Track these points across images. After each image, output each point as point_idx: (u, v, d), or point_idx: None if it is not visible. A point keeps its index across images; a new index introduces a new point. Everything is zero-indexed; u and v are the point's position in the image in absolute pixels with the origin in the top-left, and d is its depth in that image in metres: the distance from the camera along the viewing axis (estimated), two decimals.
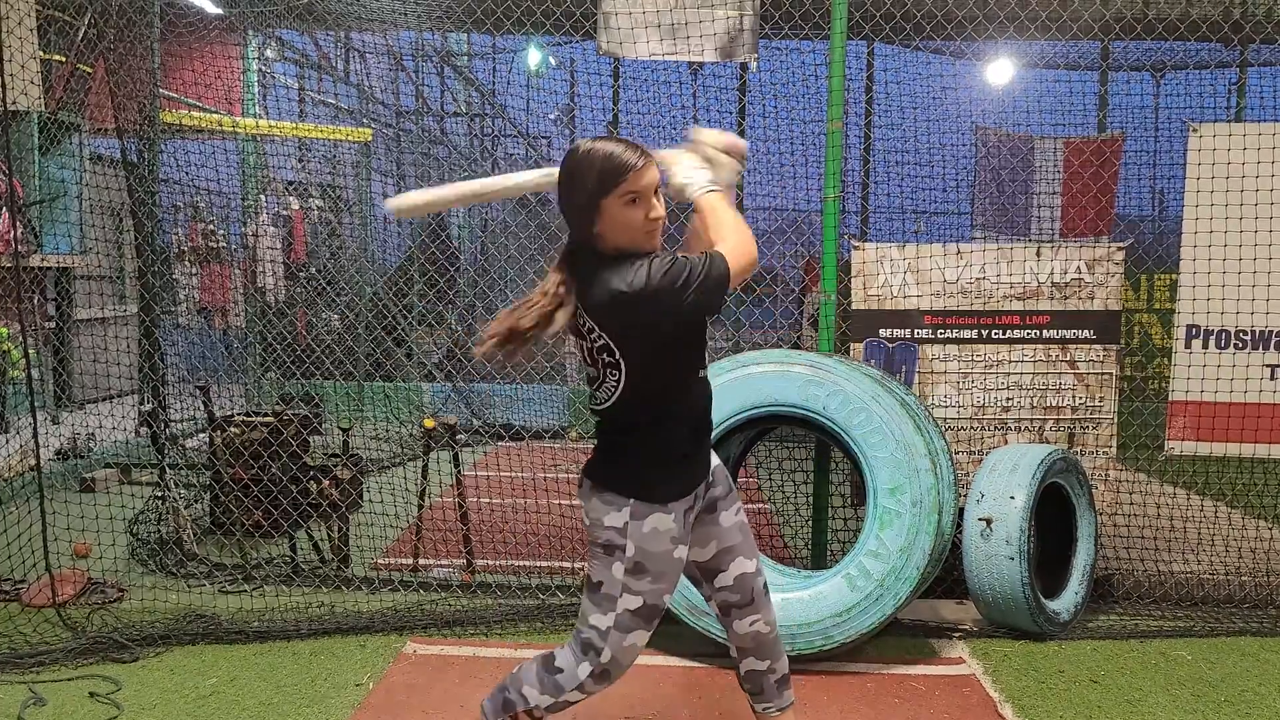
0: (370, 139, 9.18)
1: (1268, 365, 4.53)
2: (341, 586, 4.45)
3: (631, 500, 2.35)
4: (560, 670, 2.47)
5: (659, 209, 2.29)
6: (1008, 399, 4.51)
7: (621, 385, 2.34)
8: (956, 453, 4.48)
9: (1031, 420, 4.51)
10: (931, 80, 8.13)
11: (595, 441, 2.48)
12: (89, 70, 6.80)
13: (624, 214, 2.26)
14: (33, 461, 4.26)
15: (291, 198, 8.58)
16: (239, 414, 5.43)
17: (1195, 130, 4.54)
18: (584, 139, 2.35)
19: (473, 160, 12.20)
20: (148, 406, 5.79)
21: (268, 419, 5.11)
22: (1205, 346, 4.55)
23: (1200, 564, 4.72)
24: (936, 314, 4.51)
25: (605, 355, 2.32)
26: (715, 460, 2.56)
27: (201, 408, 5.42)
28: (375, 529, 5.02)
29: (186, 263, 7.90)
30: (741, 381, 3.85)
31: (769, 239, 10.19)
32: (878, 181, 8.33)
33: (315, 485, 4.78)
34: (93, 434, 6.68)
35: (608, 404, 2.37)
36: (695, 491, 2.44)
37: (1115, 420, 4.50)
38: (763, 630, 2.58)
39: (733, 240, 2.28)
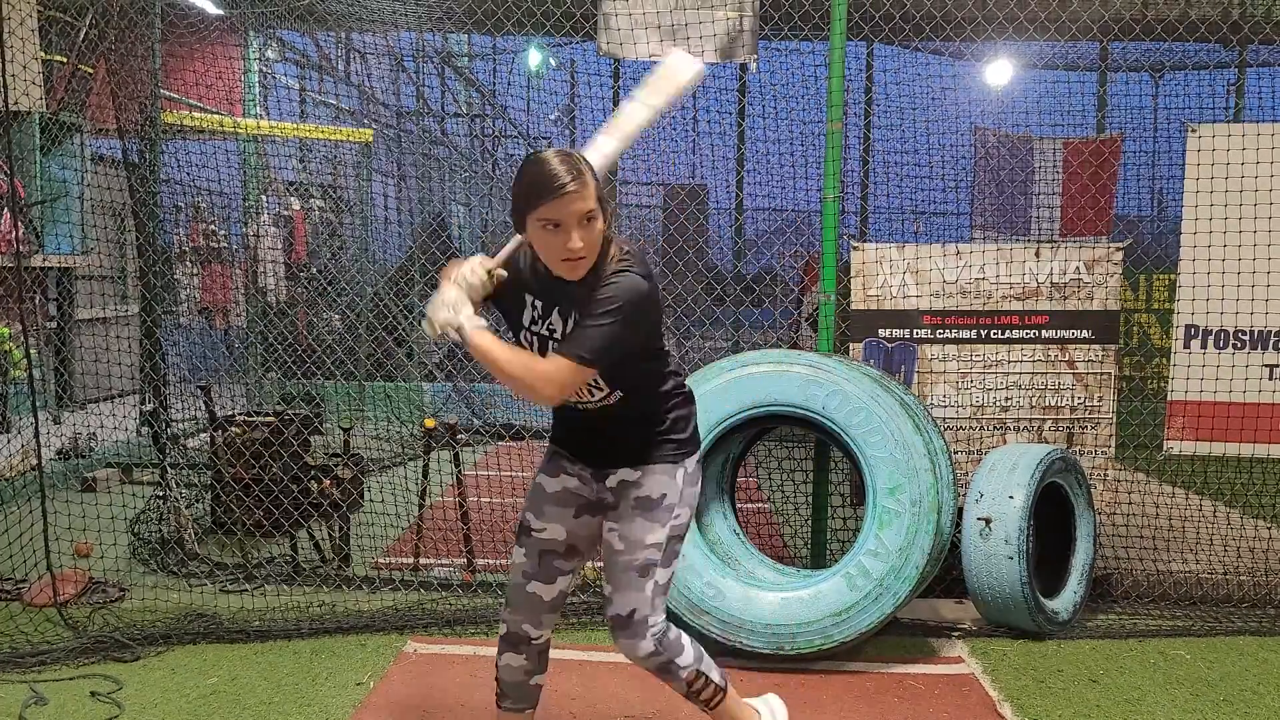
0: (371, 139, 9.19)
1: (1266, 365, 4.53)
2: (342, 586, 4.46)
3: (678, 463, 2.53)
4: (671, 633, 2.55)
5: (577, 241, 2.22)
6: (1007, 399, 4.52)
7: (615, 393, 2.48)
8: (956, 452, 4.49)
9: (1030, 420, 4.52)
10: (931, 81, 8.14)
11: (606, 444, 2.53)
12: (90, 71, 6.81)
13: (539, 237, 2.26)
14: (34, 461, 4.27)
15: (292, 198, 8.59)
16: (240, 414, 5.43)
17: (1194, 131, 4.54)
18: (546, 149, 2.36)
19: (473, 160, 12.22)
20: (149, 406, 5.80)
21: (269, 419, 5.11)
22: (1204, 346, 4.56)
23: (1199, 563, 4.73)
24: (936, 314, 4.52)
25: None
26: (625, 476, 2.52)
27: (203, 407, 5.43)
28: (376, 529, 5.03)
29: (188, 263, 7.90)
30: (741, 381, 3.86)
31: (769, 239, 10.20)
32: (877, 182, 8.33)
33: (316, 485, 4.79)
34: (94, 434, 6.68)
35: (604, 400, 2.46)
36: (581, 474, 2.57)
37: (1114, 420, 4.50)
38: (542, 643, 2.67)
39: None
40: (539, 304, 2.41)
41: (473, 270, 2.36)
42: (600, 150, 2.48)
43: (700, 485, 2.64)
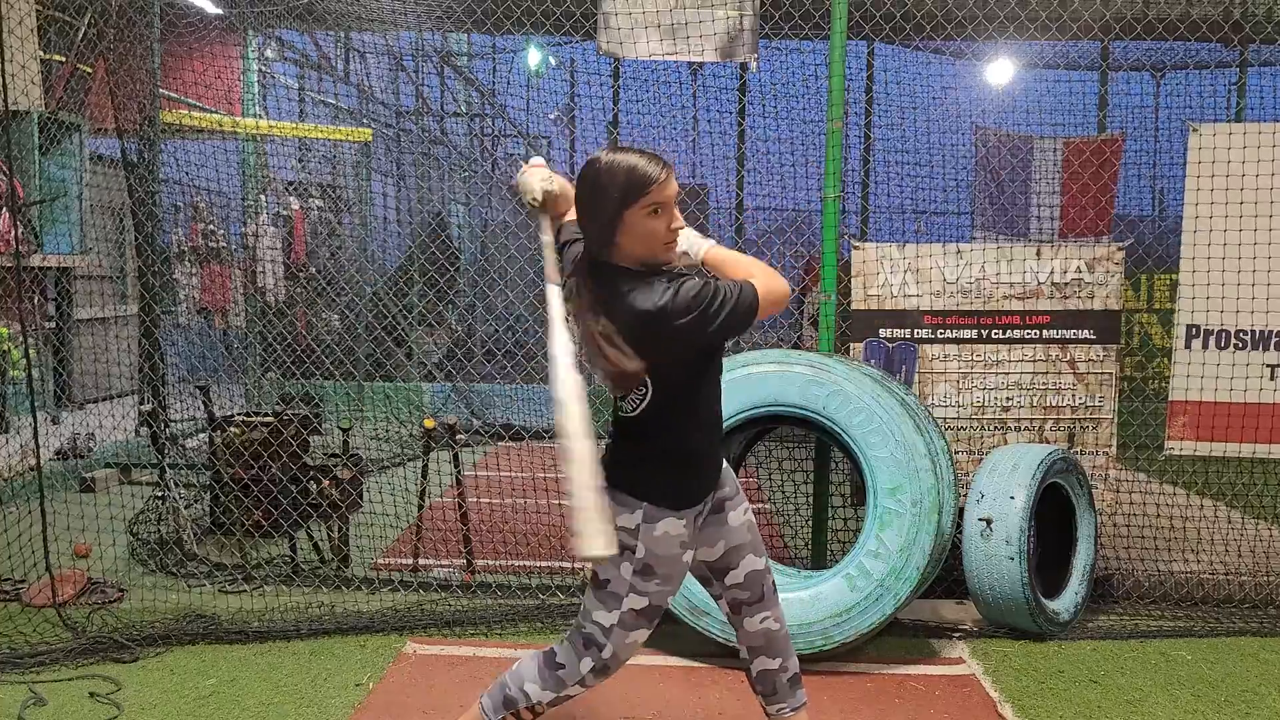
0: (370, 139, 9.18)
1: (1267, 365, 4.52)
2: (341, 586, 4.45)
3: (645, 504, 2.37)
4: (562, 666, 2.50)
5: (680, 220, 2.31)
6: (1008, 399, 4.51)
7: (648, 398, 2.36)
8: (956, 452, 4.48)
9: (1031, 420, 4.51)
10: (931, 80, 8.14)
11: (609, 442, 2.49)
12: (89, 70, 6.80)
13: (646, 225, 2.27)
14: (33, 461, 4.26)
15: (291, 198, 8.58)
16: (239, 414, 5.42)
17: (1195, 130, 4.53)
18: (603, 151, 2.34)
19: (472, 160, 12.21)
20: (148, 406, 5.79)
21: (268, 419, 5.10)
22: (1205, 346, 4.55)
23: (1200, 564, 4.72)
24: (936, 314, 4.51)
25: (638, 373, 2.33)
26: (723, 463, 2.57)
27: (201, 408, 5.42)
28: (375, 529, 5.02)
29: (187, 263, 7.89)
30: (741, 381, 3.85)
31: (769, 239, 10.19)
32: (878, 181, 8.33)
33: (315, 485, 4.78)
34: (93, 434, 6.68)
35: (633, 413, 2.39)
36: (707, 498, 2.46)
37: (1115, 420, 4.50)
38: (773, 627, 2.59)
39: (762, 277, 2.31)
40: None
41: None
42: None
43: (680, 554, 2.43)
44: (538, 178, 2.50)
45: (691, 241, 2.41)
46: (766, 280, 2.30)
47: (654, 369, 2.30)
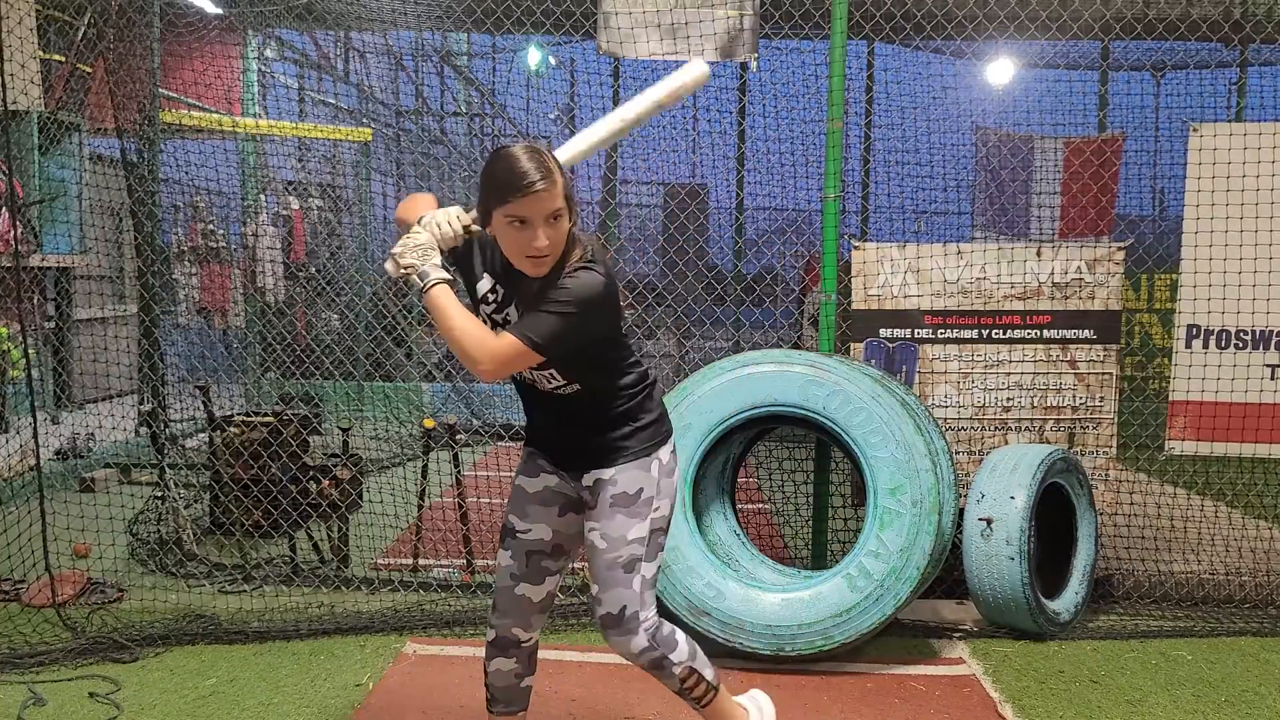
0: (370, 139, 9.18)
1: (1268, 365, 4.52)
2: (341, 586, 4.45)
3: (649, 456, 2.49)
4: (663, 628, 2.53)
5: (542, 239, 2.22)
6: (1008, 399, 4.51)
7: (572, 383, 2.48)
8: (957, 453, 4.48)
9: (1032, 420, 4.50)
10: (931, 80, 8.12)
11: (592, 433, 2.51)
12: (89, 70, 6.79)
13: (504, 233, 2.26)
14: (32, 461, 4.26)
15: (291, 197, 8.58)
16: (239, 414, 5.42)
17: (1196, 130, 4.53)
18: (510, 143, 2.32)
19: (472, 160, 12.20)
20: (147, 406, 5.79)
21: (267, 419, 5.10)
22: (1206, 346, 4.55)
23: (1200, 564, 4.72)
24: (937, 314, 4.50)
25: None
26: (599, 475, 2.51)
27: (201, 408, 5.41)
28: (375, 529, 5.01)
29: (186, 262, 7.89)
30: (741, 381, 3.85)
31: (769, 239, 10.19)
32: (878, 181, 8.32)
33: (315, 485, 4.78)
34: (92, 434, 6.67)
35: (575, 394, 2.48)
36: (559, 473, 2.56)
37: (1115, 420, 4.49)
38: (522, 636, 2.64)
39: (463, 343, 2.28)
40: (500, 290, 2.42)
41: (450, 220, 2.34)
42: (581, 142, 2.50)
43: (679, 473, 2.62)
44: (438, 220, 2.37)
45: (427, 274, 2.29)
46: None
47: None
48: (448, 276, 2.31)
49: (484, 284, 2.44)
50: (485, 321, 2.42)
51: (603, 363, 2.45)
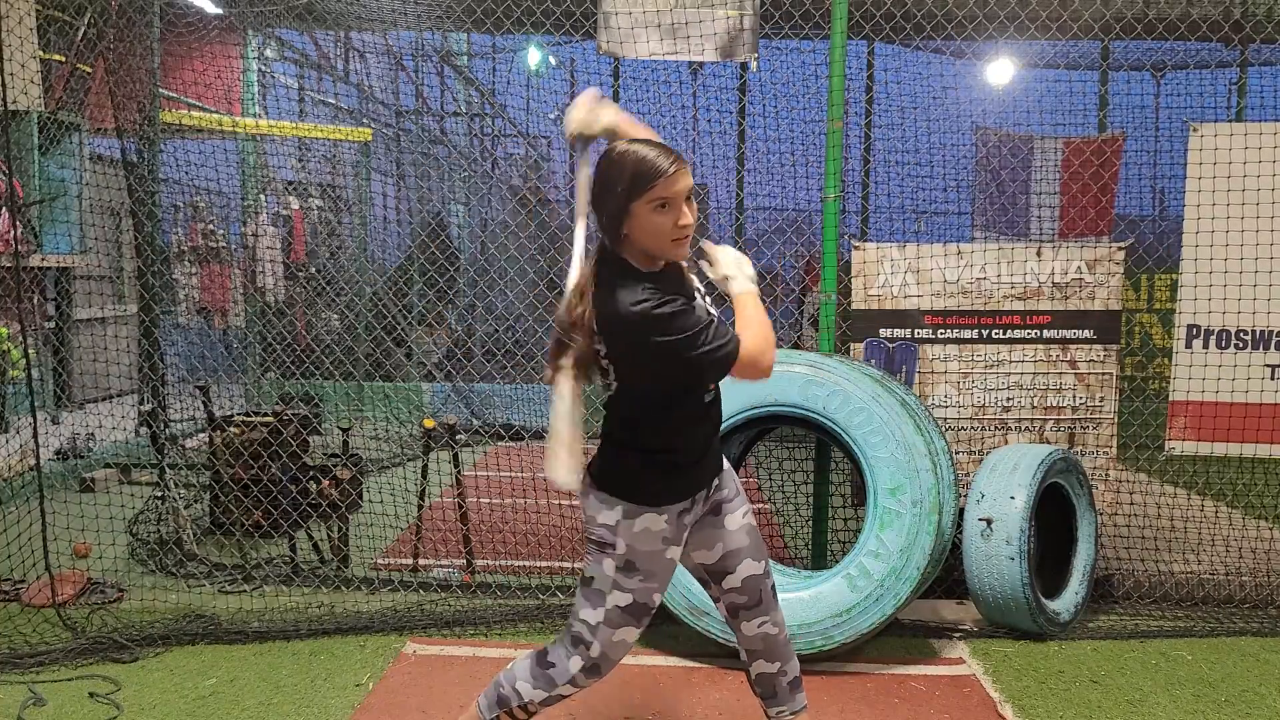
0: (370, 139, 9.18)
1: (1268, 365, 4.52)
2: (341, 586, 4.45)
3: (623, 502, 2.38)
4: (552, 665, 2.51)
5: (688, 217, 2.27)
6: (1008, 399, 4.51)
7: (614, 389, 2.38)
8: (957, 453, 4.48)
9: (1032, 420, 4.50)
10: (931, 80, 8.13)
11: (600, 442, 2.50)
12: (89, 70, 6.79)
13: (653, 219, 2.25)
14: (32, 461, 4.26)
15: (291, 197, 8.58)
16: (239, 414, 5.42)
17: (1196, 130, 4.53)
18: (619, 141, 2.33)
19: (472, 160, 12.20)
20: (147, 406, 5.79)
21: (267, 419, 5.10)
22: (1206, 346, 4.55)
23: (1200, 564, 4.72)
24: (937, 314, 4.50)
25: (602, 358, 2.34)
26: (725, 464, 2.56)
27: (201, 408, 5.42)
28: (375, 529, 5.01)
29: (186, 262, 7.89)
30: (742, 381, 3.84)
31: (769, 239, 10.19)
32: (878, 181, 8.32)
33: (315, 485, 4.78)
34: (92, 434, 6.67)
35: (605, 399, 2.42)
36: (694, 496, 2.44)
37: (1115, 420, 4.49)
38: (771, 632, 2.58)
39: (758, 338, 2.30)
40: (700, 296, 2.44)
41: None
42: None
43: (667, 551, 2.42)
44: (606, 111, 2.46)
45: (739, 273, 2.40)
46: (756, 343, 2.28)
47: (618, 365, 2.31)
48: (756, 288, 2.42)
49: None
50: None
51: (648, 382, 2.38)
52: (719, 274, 2.42)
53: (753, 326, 2.31)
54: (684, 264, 2.42)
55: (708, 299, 2.45)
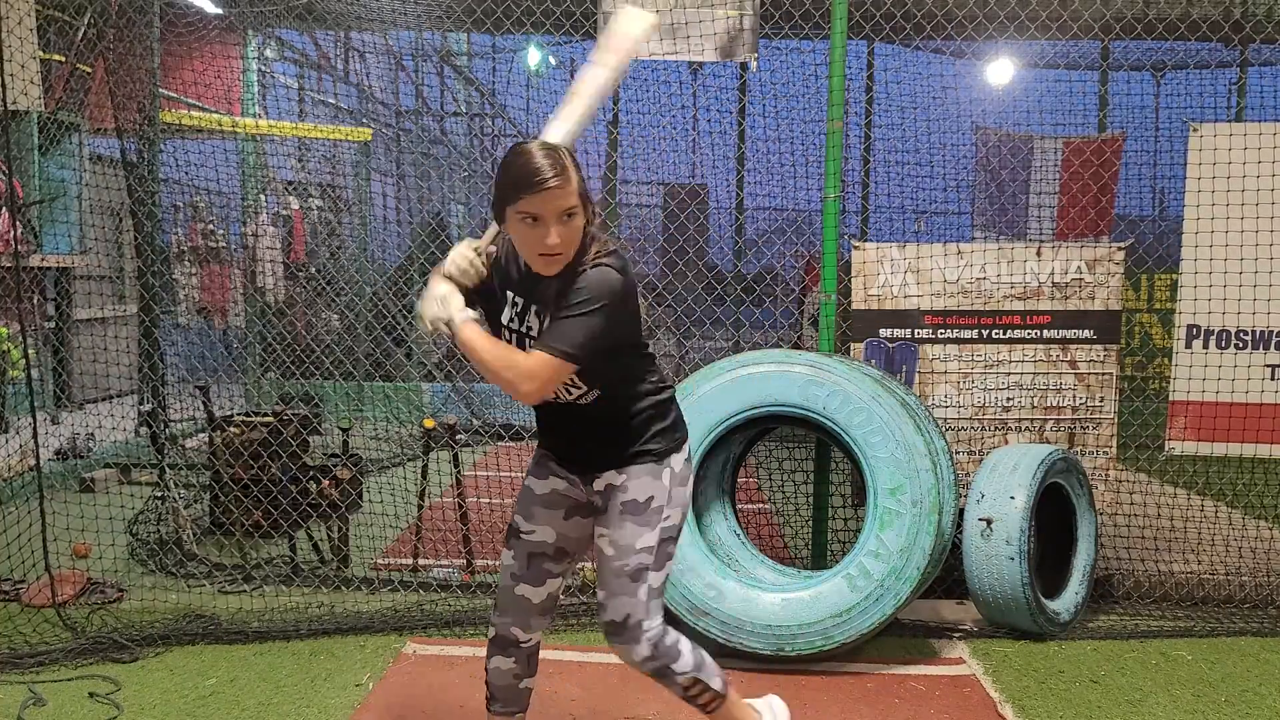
0: (370, 139, 9.17)
1: (1268, 365, 4.52)
2: (341, 586, 4.45)
3: (665, 461, 2.48)
4: (676, 637, 2.53)
5: (555, 237, 2.21)
6: (1008, 399, 4.51)
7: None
8: (957, 453, 4.48)
9: (1032, 420, 4.50)
10: (931, 80, 8.12)
11: (609, 434, 2.50)
12: (89, 70, 6.79)
13: (520, 229, 2.25)
14: (32, 461, 4.26)
15: (291, 197, 8.57)
16: (239, 414, 5.42)
17: (1196, 130, 4.53)
18: (531, 140, 2.31)
19: (472, 160, 12.20)
20: (147, 406, 5.79)
21: (267, 419, 5.10)
22: (1206, 346, 4.55)
23: (1200, 564, 4.71)
24: (937, 314, 4.50)
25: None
26: (610, 480, 2.49)
27: (201, 408, 5.42)
28: (375, 529, 5.01)
29: (186, 263, 7.89)
30: (741, 381, 3.85)
31: (769, 239, 10.19)
32: (878, 181, 8.32)
33: (315, 485, 4.78)
34: (92, 434, 6.67)
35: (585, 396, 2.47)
36: (569, 477, 2.53)
37: (1115, 420, 4.49)
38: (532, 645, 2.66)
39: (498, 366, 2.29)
40: (519, 301, 2.41)
41: (460, 255, 2.37)
42: (566, 123, 2.46)
43: (692, 484, 2.59)
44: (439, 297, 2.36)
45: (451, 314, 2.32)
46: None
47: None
48: (473, 314, 2.33)
49: (508, 309, 2.43)
50: (513, 339, 2.41)
51: (622, 365, 2.43)
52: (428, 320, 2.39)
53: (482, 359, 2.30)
54: (548, 287, 2.36)
55: (523, 325, 2.42)
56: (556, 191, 2.19)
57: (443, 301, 2.32)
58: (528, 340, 2.38)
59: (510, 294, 2.42)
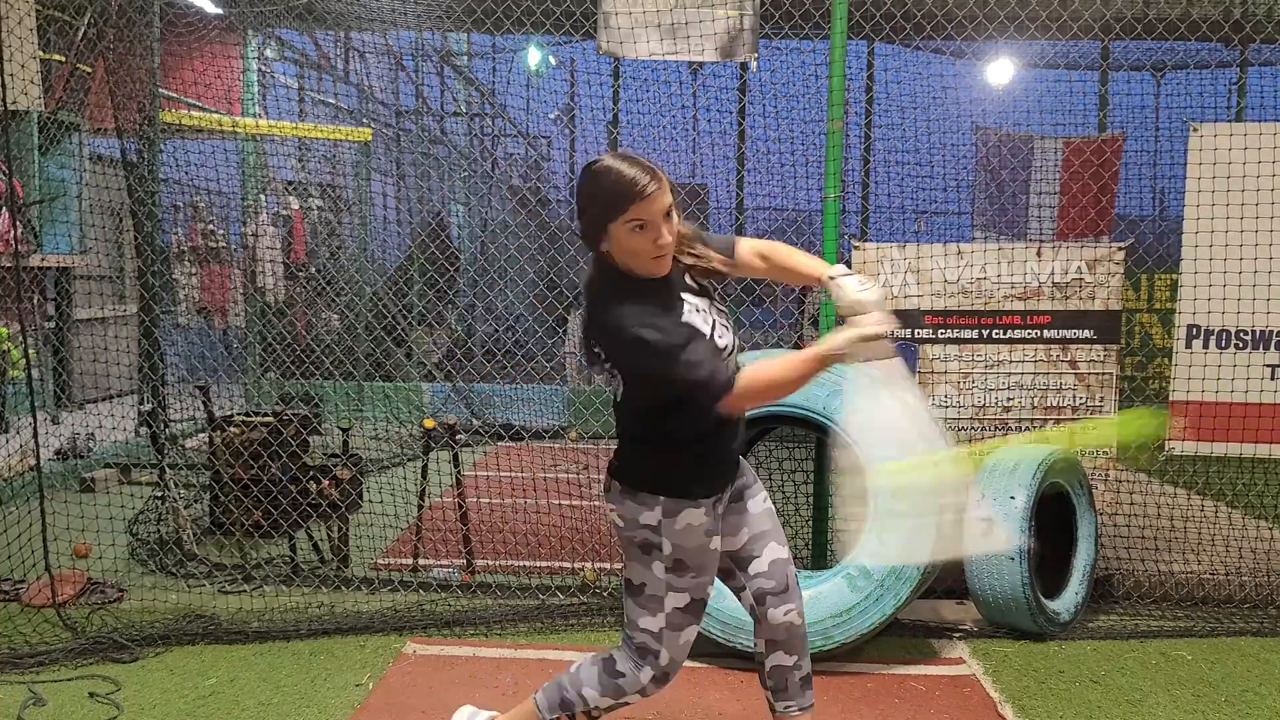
0: (370, 139, 9.18)
1: (1268, 365, 4.52)
2: (341, 586, 4.45)
3: (663, 498, 2.38)
4: (622, 675, 2.51)
5: (667, 235, 2.23)
6: (1008, 399, 4.51)
7: (621, 389, 2.38)
8: None
9: (1032, 420, 4.50)
10: (931, 80, 8.13)
11: (617, 439, 2.50)
12: (89, 70, 6.80)
13: (630, 240, 2.23)
14: (32, 461, 4.26)
15: (291, 197, 8.58)
16: (239, 414, 5.42)
17: (1196, 130, 4.53)
18: (604, 155, 2.31)
19: (472, 160, 12.20)
20: (147, 406, 5.79)
21: (267, 419, 5.10)
22: (1206, 346, 4.54)
23: (1200, 564, 4.71)
24: (937, 314, 4.50)
25: (604, 362, 2.35)
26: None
27: (201, 408, 5.41)
28: (375, 529, 5.01)
29: (186, 263, 7.89)
30: None
31: (769, 238, 10.18)
32: (878, 181, 8.33)
33: (315, 485, 4.78)
34: (92, 434, 6.67)
35: (616, 400, 2.43)
36: (727, 485, 2.47)
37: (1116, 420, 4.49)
38: (796, 621, 2.60)
39: (750, 381, 2.24)
40: (702, 307, 2.37)
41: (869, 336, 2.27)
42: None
43: (703, 541, 2.43)
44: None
45: (854, 319, 2.25)
46: (748, 386, 2.23)
47: (618, 370, 2.34)
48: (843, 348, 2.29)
49: (710, 329, 2.35)
50: (720, 326, 2.37)
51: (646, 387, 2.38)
52: (847, 300, 2.30)
53: (761, 372, 2.26)
54: (689, 262, 2.38)
55: (709, 306, 2.39)
56: (659, 192, 2.22)
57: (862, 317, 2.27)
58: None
59: (701, 310, 2.36)
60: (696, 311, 2.34)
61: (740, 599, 2.63)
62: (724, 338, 2.35)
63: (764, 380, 2.25)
